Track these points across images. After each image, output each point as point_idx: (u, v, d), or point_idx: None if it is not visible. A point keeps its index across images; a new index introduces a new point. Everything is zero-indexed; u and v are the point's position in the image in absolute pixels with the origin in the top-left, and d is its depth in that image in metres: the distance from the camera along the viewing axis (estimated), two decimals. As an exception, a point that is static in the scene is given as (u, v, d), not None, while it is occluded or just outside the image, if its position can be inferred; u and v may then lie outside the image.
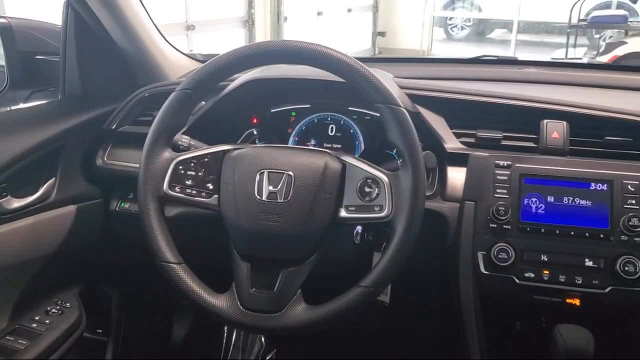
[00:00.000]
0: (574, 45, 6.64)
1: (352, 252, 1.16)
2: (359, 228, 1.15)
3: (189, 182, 1.02)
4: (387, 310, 1.20)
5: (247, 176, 0.98)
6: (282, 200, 0.96)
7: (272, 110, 1.36)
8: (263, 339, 1.66)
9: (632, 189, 1.05)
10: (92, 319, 1.42)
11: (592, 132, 1.16)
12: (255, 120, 1.36)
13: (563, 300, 1.06)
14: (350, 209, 0.98)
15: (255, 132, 1.36)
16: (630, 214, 1.03)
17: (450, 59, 1.97)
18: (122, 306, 1.57)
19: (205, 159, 1.03)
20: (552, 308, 1.07)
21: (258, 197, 0.97)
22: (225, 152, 1.03)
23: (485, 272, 1.07)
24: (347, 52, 0.99)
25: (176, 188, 1.02)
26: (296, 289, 0.97)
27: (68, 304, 1.35)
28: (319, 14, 7.39)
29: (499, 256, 1.06)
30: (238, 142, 1.32)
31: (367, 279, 0.94)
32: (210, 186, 1.02)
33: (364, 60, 1.00)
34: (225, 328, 1.68)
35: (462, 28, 10.22)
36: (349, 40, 8.16)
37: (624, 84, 1.43)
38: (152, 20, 1.48)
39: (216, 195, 1.01)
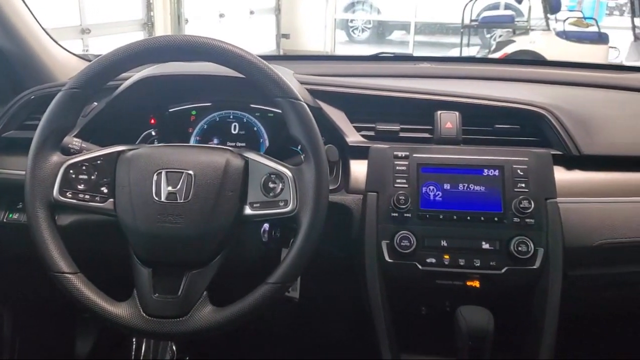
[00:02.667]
0: (468, 45, 7.01)
1: (260, 250, 1.15)
2: (266, 226, 1.14)
3: (81, 187, 0.97)
4: (299, 306, 1.20)
5: (144, 177, 0.94)
6: (182, 201, 0.93)
7: (170, 110, 1.31)
8: (175, 347, 1.61)
9: (522, 173, 1.11)
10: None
11: (482, 121, 1.22)
12: (153, 121, 1.31)
13: (464, 283, 1.10)
14: (254, 205, 0.96)
15: (153, 133, 1.31)
16: (521, 196, 1.09)
17: (350, 56, 2.02)
18: (15, 325, 1.46)
19: (98, 162, 0.98)
20: (455, 291, 1.11)
21: (156, 198, 0.93)
22: (119, 153, 0.98)
23: (389, 260, 1.09)
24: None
25: (67, 194, 0.96)
26: (201, 291, 0.94)
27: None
28: (221, 16, 7.30)
29: (402, 244, 1.08)
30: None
31: (274, 276, 0.94)
32: (105, 190, 0.97)
33: (266, 58, 0.99)
34: (135, 339, 1.61)
35: (363, 30, 10.49)
36: (253, 42, 8.12)
37: (511, 76, 1.51)
38: (37, 21, 1.39)
39: (111, 199, 0.96)
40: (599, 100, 1.35)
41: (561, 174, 1.15)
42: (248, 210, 0.96)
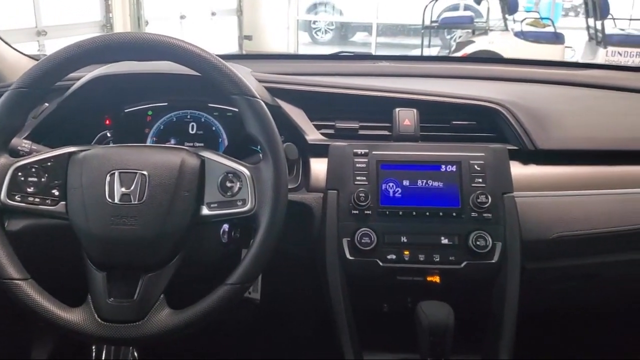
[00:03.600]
0: (429, 46, 7.12)
1: (220, 251, 1.13)
2: (225, 226, 1.12)
3: (30, 190, 0.93)
4: (261, 306, 1.18)
5: (96, 179, 0.92)
6: (136, 202, 0.91)
7: (126, 110, 1.28)
8: (136, 352, 1.57)
9: (478, 169, 1.12)
10: None
11: (440, 118, 1.23)
12: (108, 122, 1.28)
13: (424, 279, 1.11)
14: (212, 205, 0.95)
15: (109, 134, 1.28)
16: (478, 191, 1.10)
17: (310, 55, 2.02)
18: None
19: (49, 163, 0.94)
20: (416, 287, 1.12)
21: (109, 200, 0.91)
22: (70, 154, 0.95)
23: (350, 257, 1.09)
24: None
25: (16, 197, 0.93)
26: (158, 294, 0.92)
27: None
28: (182, 17, 7.22)
29: (362, 241, 1.08)
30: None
31: (233, 276, 0.92)
32: (56, 192, 0.94)
33: (225, 57, 0.98)
34: (94, 347, 1.56)
35: (326, 32, 10.53)
36: (215, 44, 8.05)
37: (469, 73, 1.53)
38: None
39: (63, 202, 0.94)
40: (553, 96, 1.38)
41: (517, 169, 1.16)
42: (205, 211, 0.95)
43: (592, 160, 1.21)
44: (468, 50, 6.06)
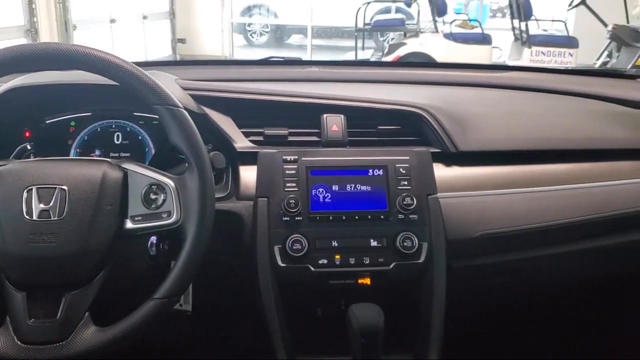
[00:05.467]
0: (363, 48, 7.22)
1: (148, 264, 1.10)
2: (153, 238, 1.10)
3: None
4: (193, 318, 1.17)
5: (13, 195, 0.88)
6: (56, 218, 0.88)
7: (47, 121, 1.23)
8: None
9: (404, 172, 1.15)
10: None
11: (367, 123, 1.26)
12: (28, 134, 1.22)
13: (356, 281, 1.12)
14: (136, 219, 0.93)
15: (29, 147, 1.22)
16: (404, 194, 1.13)
17: (240, 60, 2.00)
18: None
19: None
20: (348, 290, 1.13)
21: (27, 217, 0.87)
22: None
23: (282, 264, 1.09)
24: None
25: None
26: (83, 312, 0.89)
27: None
28: (112, 21, 7.02)
29: (294, 247, 1.09)
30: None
31: (160, 290, 0.91)
32: None
33: (150, 64, 0.96)
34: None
35: (261, 34, 10.50)
36: (148, 47, 7.88)
37: (395, 78, 1.57)
38: None
39: None
40: (474, 99, 1.43)
41: (441, 171, 1.20)
42: (129, 224, 0.93)
43: (512, 160, 1.26)
44: (400, 52, 6.20)
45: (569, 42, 6.50)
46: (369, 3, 7.03)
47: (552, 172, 1.27)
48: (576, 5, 5.48)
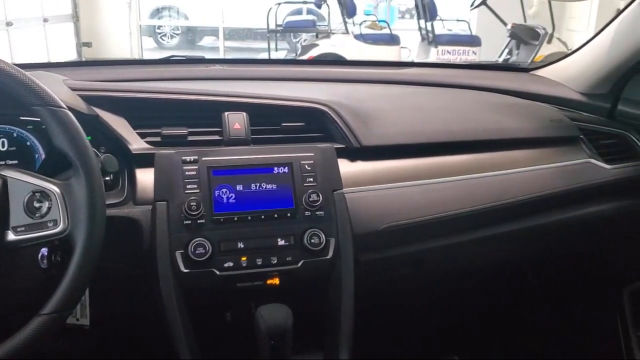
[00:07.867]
0: (276, 49, 7.21)
1: (40, 277, 1.03)
2: (44, 250, 1.02)
3: None
4: (92, 332, 1.10)
5: None
6: None
7: None
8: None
9: (309, 168, 1.14)
10: None
11: (270, 120, 1.23)
12: None
13: (264, 283, 1.10)
14: (19, 229, 0.86)
15: None
16: (310, 191, 1.12)
17: (139, 60, 1.92)
18: None
19: None
20: (257, 292, 1.10)
21: None
22: None
23: (185, 270, 1.05)
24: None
25: None
26: None
27: None
28: (9, 24, 6.61)
29: (197, 252, 1.05)
30: None
31: (49, 305, 0.85)
32: None
33: (38, 65, 0.89)
34: None
35: (172, 37, 10.25)
36: (51, 52, 7.50)
37: (299, 75, 1.56)
38: None
39: None
40: (377, 95, 1.44)
41: (345, 166, 1.20)
42: (11, 236, 0.86)
43: (414, 153, 1.28)
44: (313, 53, 6.24)
45: (472, 40, 6.81)
46: (279, 4, 7.02)
47: (453, 163, 1.30)
48: (478, 6, 5.72)
